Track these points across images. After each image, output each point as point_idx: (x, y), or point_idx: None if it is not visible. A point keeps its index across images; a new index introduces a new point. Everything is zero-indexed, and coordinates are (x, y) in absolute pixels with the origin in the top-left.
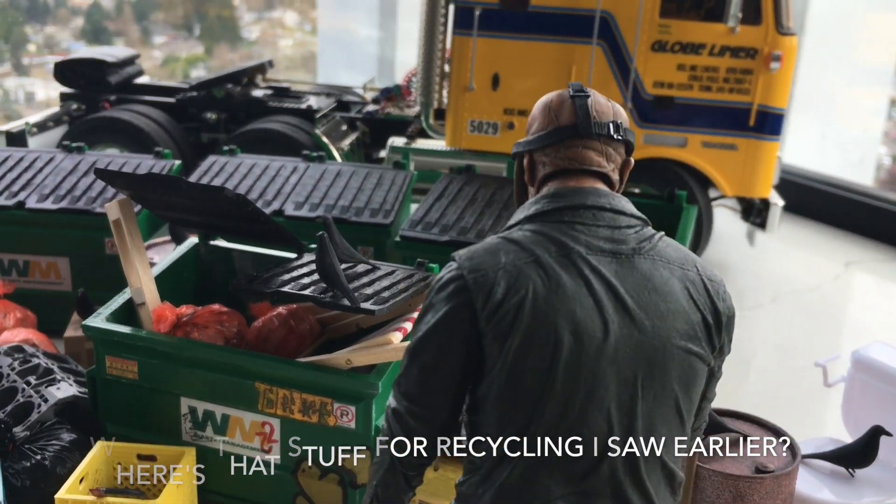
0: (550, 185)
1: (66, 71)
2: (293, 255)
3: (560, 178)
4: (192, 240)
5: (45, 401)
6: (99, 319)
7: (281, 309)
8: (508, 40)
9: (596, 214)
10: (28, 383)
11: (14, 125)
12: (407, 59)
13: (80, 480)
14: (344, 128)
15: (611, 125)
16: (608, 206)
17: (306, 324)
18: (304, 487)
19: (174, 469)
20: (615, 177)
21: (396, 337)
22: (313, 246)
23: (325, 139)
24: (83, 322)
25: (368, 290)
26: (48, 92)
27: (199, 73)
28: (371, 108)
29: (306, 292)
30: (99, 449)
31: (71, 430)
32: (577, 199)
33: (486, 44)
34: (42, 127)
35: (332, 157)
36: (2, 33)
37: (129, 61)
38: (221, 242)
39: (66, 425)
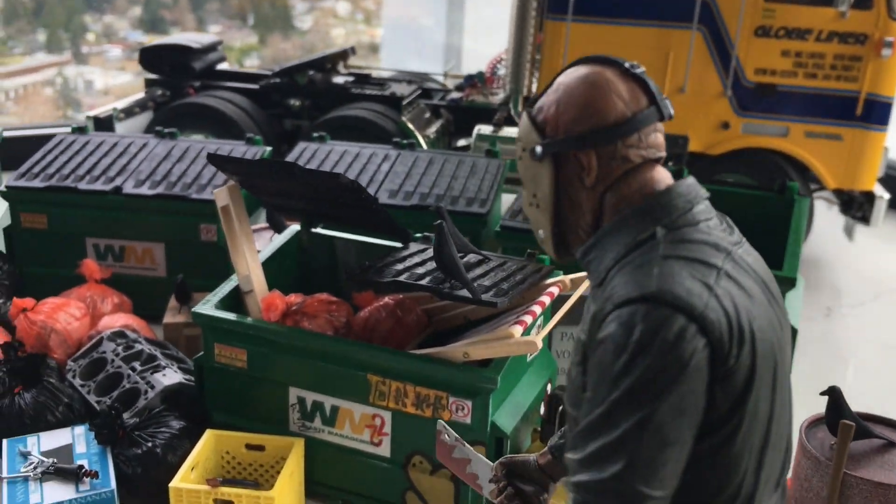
0: (631, 181)
1: (150, 57)
2: (398, 245)
3: (640, 171)
4: (294, 227)
5: (152, 387)
6: (208, 307)
7: (387, 299)
8: (604, 25)
9: (708, 206)
10: (133, 369)
11: (102, 110)
12: (475, 48)
13: (191, 469)
14: (427, 115)
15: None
16: (708, 195)
17: (413, 315)
18: (415, 482)
19: (282, 459)
20: None
21: (517, 331)
22: (419, 235)
23: (411, 126)
24: (193, 309)
25: (486, 282)
26: (106, 80)
27: (252, 62)
28: (455, 95)
29: (423, 282)
30: (208, 437)
31: (178, 417)
32: (693, 194)
33: (580, 29)
34: (129, 112)
35: (418, 145)
36: (62, 22)
37: (213, 47)
38: (323, 230)
39: (174, 412)
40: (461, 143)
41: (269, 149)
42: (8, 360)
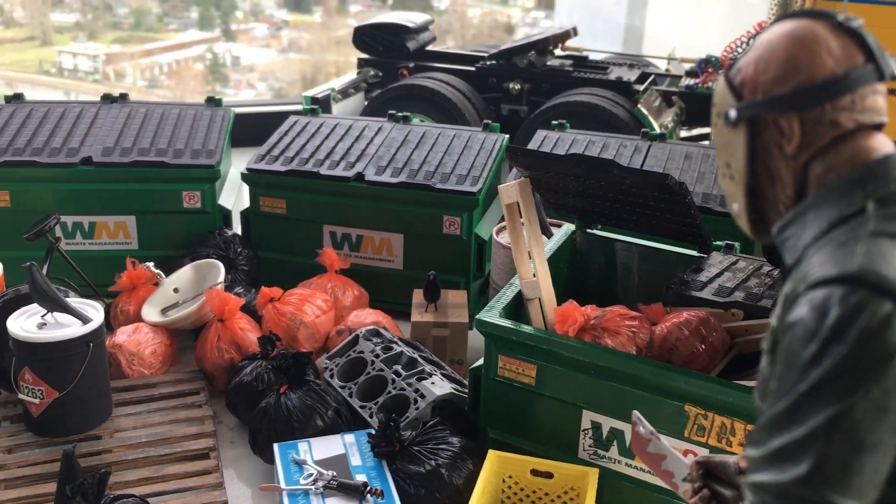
0: (841, 149)
1: (364, 37)
2: (690, 252)
3: (853, 138)
4: (568, 227)
5: (422, 396)
6: (493, 314)
7: (687, 315)
8: (886, 6)
9: None
10: (397, 374)
11: (319, 91)
12: (656, 33)
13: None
14: (657, 103)
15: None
16: None
17: (719, 335)
18: None
19: (571, 489)
20: None
21: None
22: (718, 244)
23: (649, 116)
24: (477, 316)
25: None
26: (252, 58)
27: None
28: (689, 81)
29: (764, 303)
30: (491, 459)
31: (453, 432)
32: None
33: (856, 10)
34: (344, 93)
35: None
36: (214, 1)
37: (425, 27)
38: (599, 231)
39: (450, 427)
40: (683, 133)
41: (506, 137)
42: (265, 355)
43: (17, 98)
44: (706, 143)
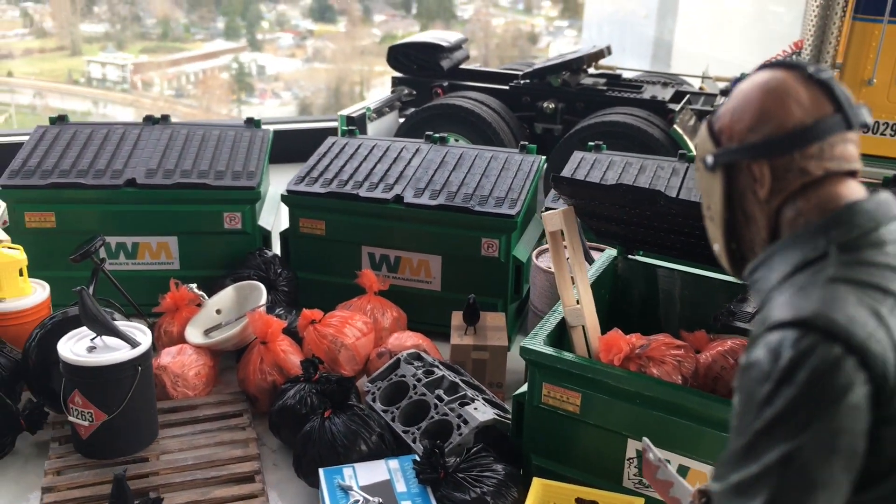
0: (810, 195)
1: (399, 55)
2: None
3: (822, 184)
4: (610, 253)
5: (465, 422)
6: (537, 342)
7: (731, 343)
8: None
9: None
10: (440, 399)
11: (355, 110)
12: (687, 46)
13: None
14: (692, 122)
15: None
16: None
17: None
18: None
19: None
20: None
21: None
22: None
23: (685, 136)
24: (522, 344)
25: None
26: (277, 67)
27: None
28: (724, 100)
29: None
30: (536, 487)
31: (497, 459)
32: (882, 212)
33: None
34: (379, 112)
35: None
36: (239, 10)
37: (459, 45)
38: (641, 258)
39: (493, 453)
40: None
41: (543, 158)
42: (308, 378)
43: (61, 119)
44: None
